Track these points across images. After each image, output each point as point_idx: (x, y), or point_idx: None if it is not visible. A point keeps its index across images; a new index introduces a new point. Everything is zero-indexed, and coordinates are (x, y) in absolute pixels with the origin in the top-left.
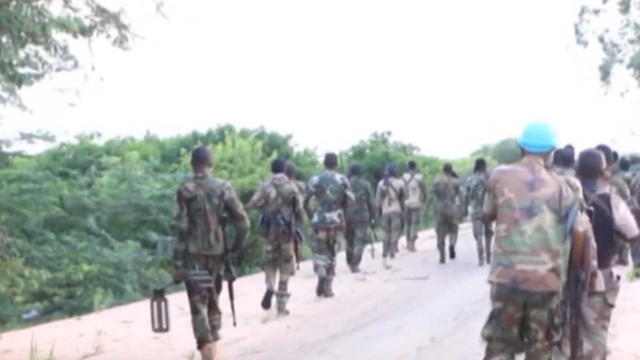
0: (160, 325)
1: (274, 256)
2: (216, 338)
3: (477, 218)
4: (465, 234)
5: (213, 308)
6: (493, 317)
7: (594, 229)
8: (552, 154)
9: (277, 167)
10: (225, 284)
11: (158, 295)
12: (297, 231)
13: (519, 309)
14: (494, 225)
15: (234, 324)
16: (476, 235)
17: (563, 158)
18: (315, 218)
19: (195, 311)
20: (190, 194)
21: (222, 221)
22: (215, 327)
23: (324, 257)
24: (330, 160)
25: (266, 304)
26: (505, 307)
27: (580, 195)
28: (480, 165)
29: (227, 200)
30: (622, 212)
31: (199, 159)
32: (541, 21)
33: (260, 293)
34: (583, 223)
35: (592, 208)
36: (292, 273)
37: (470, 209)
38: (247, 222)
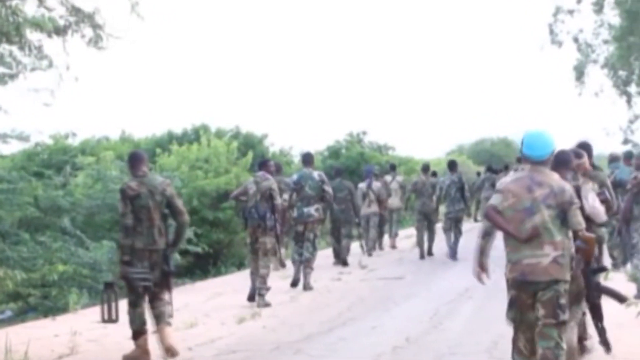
0: (110, 316)
1: (254, 248)
2: (167, 324)
3: (450, 218)
4: (442, 234)
5: (156, 298)
6: (512, 303)
7: None
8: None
9: (260, 166)
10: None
11: (108, 288)
12: (273, 225)
13: (530, 295)
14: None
15: (171, 316)
16: (445, 231)
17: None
18: (295, 213)
19: (133, 305)
20: (133, 192)
21: (164, 217)
22: (162, 314)
23: (300, 250)
24: (307, 159)
25: (252, 299)
26: (519, 295)
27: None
28: (452, 166)
29: (169, 196)
30: (590, 201)
31: (137, 160)
32: (516, 21)
33: (236, 294)
34: (582, 222)
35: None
36: (275, 268)
37: (443, 208)
38: (187, 217)
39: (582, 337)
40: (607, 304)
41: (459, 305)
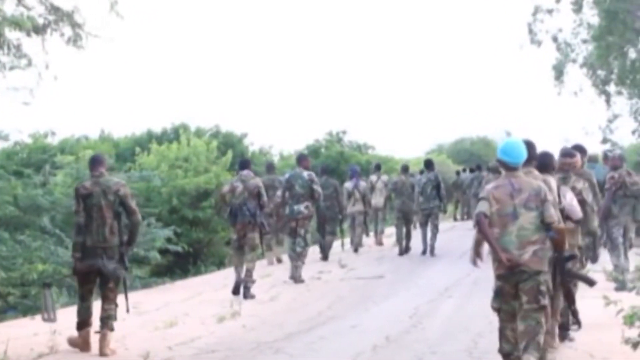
0: (49, 316)
1: (241, 244)
2: (110, 328)
3: (425, 213)
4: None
5: (108, 299)
6: (497, 293)
7: None
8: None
9: (243, 165)
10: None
11: (46, 288)
12: (261, 221)
13: (513, 286)
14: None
15: (127, 310)
16: (421, 225)
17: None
18: (287, 210)
19: (82, 299)
20: (86, 191)
21: (118, 216)
22: (109, 317)
23: (293, 245)
24: (300, 159)
25: (236, 291)
26: (504, 286)
27: (555, 193)
28: (428, 165)
29: (122, 196)
30: (568, 200)
31: (96, 161)
32: (495, 21)
33: (216, 293)
34: (553, 215)
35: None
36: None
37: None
38: (139, 217)
39: (565, 325)
40: (588, 304)
41: (438, 304)
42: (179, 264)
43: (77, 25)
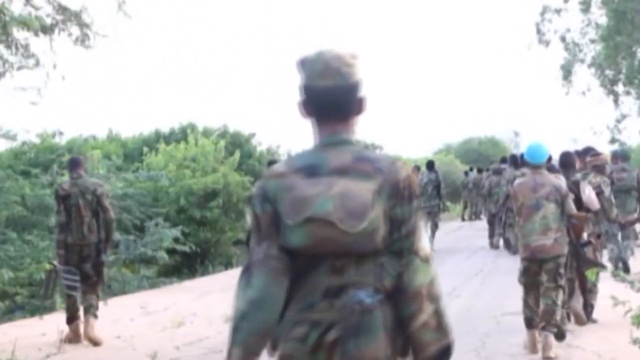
0: (45, 293)
1: None
2: (93, 315)
3: (426, 213)
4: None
5: (89, 292)
6: (524, 271)
7: None
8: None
9: (268, 165)
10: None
11: (52, 270)
12: None
13: (538, 266)
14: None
15: (105, 304)
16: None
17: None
18: None
19: (67, 295)
20: (64, 192)
21: (96, 215)
22: (91, 306)
23: None
24: None
25: None
26: (530, 266)
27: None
28: (430, 165)
29: (99, 195)
30: (587, 193)
31: (75, 164)
32: (503, 21)
33: (224, 293)
34: (573, 207)
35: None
36: None
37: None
38: (111, 214)
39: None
40: (596, 304)
41: (446, 303)
42: (187, 264)
43: (84, 25)
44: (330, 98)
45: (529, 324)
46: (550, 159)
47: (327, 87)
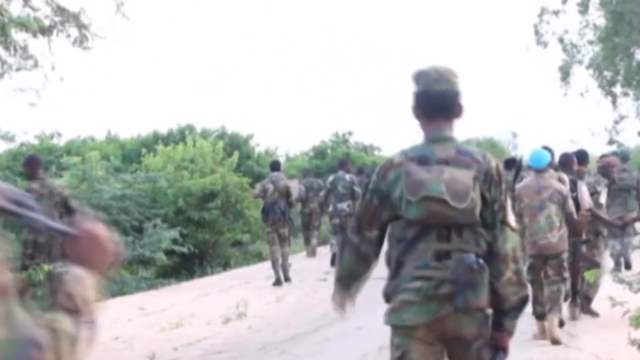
0: None
1: (274, 235)
2: None
3: None
4: None
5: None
6: (530, 268)
7: None
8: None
9: (273, 167)
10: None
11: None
12: (289, 217)
13: (542, 262)
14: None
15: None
16: None
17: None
18: (331, 208)
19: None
20: (37, 193)
21: (62, 215)
22: None
23: (338, 237)
24: (341, 164)
25: (278, 283)
26: (536, 262)
27: (568, 186)
28: None
29: (67, 197)
30: (582, 191)
31: (39, 163)
32: (501, 22)
33: (222, 294)
34: (572, 207)
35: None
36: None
37: None
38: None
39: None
40: (594, 305)
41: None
42: (185, 265)
43: (83, 26)
44: (441, 100)
45: (540, 317)
46: (552, 155)
47: (440, 90)
